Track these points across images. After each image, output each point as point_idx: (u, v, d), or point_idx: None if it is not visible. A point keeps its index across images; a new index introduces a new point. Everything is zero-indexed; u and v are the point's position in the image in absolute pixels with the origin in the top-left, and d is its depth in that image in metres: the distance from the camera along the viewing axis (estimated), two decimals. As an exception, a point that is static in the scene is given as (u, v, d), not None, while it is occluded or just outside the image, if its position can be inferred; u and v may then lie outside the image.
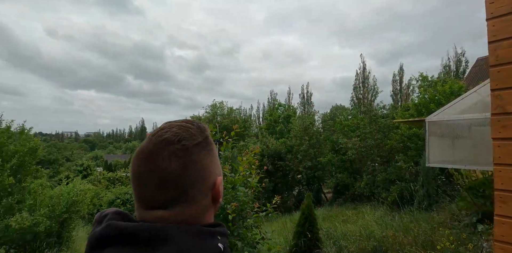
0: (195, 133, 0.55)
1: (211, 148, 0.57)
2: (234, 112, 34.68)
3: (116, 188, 17.89)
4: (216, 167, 0.57)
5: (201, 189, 0.53)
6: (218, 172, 0.57)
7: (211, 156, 0.56)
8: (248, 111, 52.89)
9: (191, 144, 0.53)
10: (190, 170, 0.51)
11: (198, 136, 0.55)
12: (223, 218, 2.47)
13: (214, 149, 0.59)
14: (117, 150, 74.99)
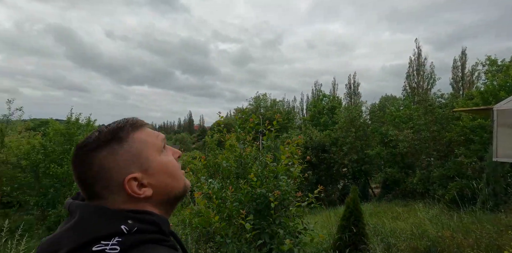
0: (101, 135, 0.61)
1: (119, 147, 0.61)
2: (277, 104, 34.58)
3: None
4: (127, 165, 0.60)
5: (106, 186, 0.59)
6: (134, 168, 0.60)
7: (116, 157, 0.60)
8: (291, 103, 52.29)
9: (90, 148, 0.60)
10: (89, 173, 0.59)
11: (102, 138, 0.61)
12: (265, 206, 2.48)
13: (128, 147, 0.61)
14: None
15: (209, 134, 3.46)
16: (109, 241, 0.52)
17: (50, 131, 9.83)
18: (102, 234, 0.53)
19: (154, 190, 0.61)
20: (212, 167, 3.39)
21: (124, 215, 0.56)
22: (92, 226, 0.54)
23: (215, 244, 2.44)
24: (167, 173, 0.64)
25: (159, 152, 0.64)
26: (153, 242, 0.57)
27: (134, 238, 0.54)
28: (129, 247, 0.53)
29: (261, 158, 2.88)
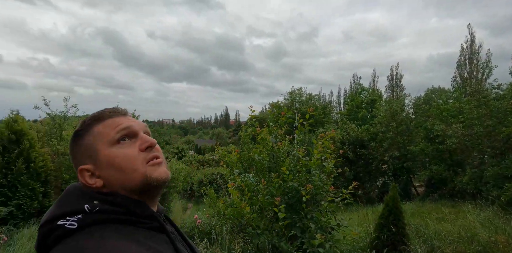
0: (75, 129, 0.67)
1: (78, 139, 0.65)
2: (313, 98, 33.84)
3: (205, 169, 19.96)
4: (83, 158, 0.64)
5: (77, 174, 0.64)
6: (87, 161, 0.63)
7: (74, 148, 0.65)
8: (328, 97, 50.78)
9: (70, 139, 0.67)
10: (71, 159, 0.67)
11: (74, 131, 0.66)
12: (297, 200, 2.46)
13: (82, 139, 0.64)
14: (205, 135, 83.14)
15: (243, 128, 3.50)
16: (71, 217, 0.56)
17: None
18: (68, 210, 0.57)
19: (104, 181, 0.62)
20: (246, 161, 3.43)
21: (91, 196, 0.60)
22: (65, 202, 0.60)
23: (247, 235, 2.49)
24: (113, 167, 0.62)
25: (110, 144, 0.63)
26: (116, 222, 0.58)
27: (94, 216, 0.57)
28: (87, 225, 0.56)
29: (294, 152, 2.85)
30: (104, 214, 0.57)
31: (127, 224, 0.58)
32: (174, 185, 10.50)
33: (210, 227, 5.47)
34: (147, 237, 0.59)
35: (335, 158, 2.89)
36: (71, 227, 0.55)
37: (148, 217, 0.62)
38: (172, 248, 0.62)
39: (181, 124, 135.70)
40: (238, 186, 2.61)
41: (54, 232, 0.55)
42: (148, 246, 0.56)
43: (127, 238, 0.55)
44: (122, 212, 0.59)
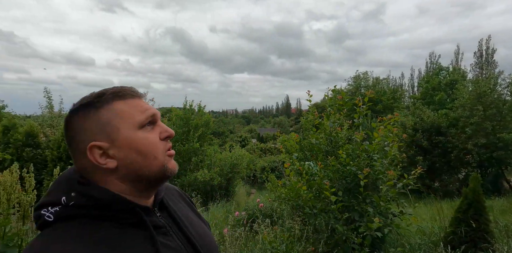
0: (86, 98, 0.61)
1: (93, 113, 0.60)
2: (380, 82, 31.21)
3: (267, 157, 20.52)
4: (95, 133, 0.59)
5: (75, 149, 0.60)
6: (100, 137, 0.59)
7: (87, 121, 0.59)
8: (398, 80, 46.18)
9: (73, 109, 0.61)
10: (66, 132, 0.61)
11: (85, 101, 0.61)
12: (355, 184, 2.42)
13: (101, 114, 0.60)
14: (267, 124, 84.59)
15: (304, 115, 3.51)
16: (52, 208, 0.57)
17: (173, 116, 11.89)
18: (50, 200, 0.58)
19: (118, 163, 0.59)
20: (307, 148, 3.46)
21: (71, 187, 0.58)
22: (51, 190, 0.60)
23: (304, 215, 2.57)
24: (137, 150, 0.59)
25: (136, 126, 0.60)
26: (86, 217, 0.56)
27: (68, 210, 0.56)
28: (61, 218, 0.56)
29: (353, 137, 2.78)
30: (77, 209, 0.56)
31: (102, 220, 0.57)
32: (238, 171, 11.14)
33: (272, 210, 5.72)
34: (118, 237, 0.56)
35: (401, 143, 2.71)
36: (48, 219, 0.56)
37: (128, 212, 0.59)
38: (151, 244, 0.58)
39: (244, 114, 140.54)
40: (296, 169, 2.68)
41: (39, 219, 0.57)
42: (110, 249, 0.53)
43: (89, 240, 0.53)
44: (96, 207, 0.57)
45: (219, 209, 7.33)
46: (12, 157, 10.95)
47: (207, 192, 10.18)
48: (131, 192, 0.61)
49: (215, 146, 13.24)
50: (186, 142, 11.23)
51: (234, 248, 3.98)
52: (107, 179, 0.60)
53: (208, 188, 10.21)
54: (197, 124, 11.77)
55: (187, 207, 0.81)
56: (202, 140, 12.16)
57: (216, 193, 9.95)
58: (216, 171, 10.62)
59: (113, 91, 0.61)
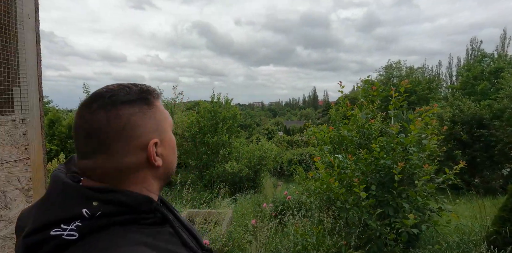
0: (131, 92, 0.58)
1: (148, 109, 0.58)
2: (415, 72, 29.47)
3: (293, 149, 20.41)
4: (152, 129, 0.58)
5: (125, 145, 0.54)
6: (155, 135, 0.58)
7: (145, 117, 0.57)
8: (435, 69, 43.28)
9: (121, 100, 0.55)
10: (113, 124, 0.54)
11: (133, 95, 0.57)
12: (390, 178, 2.33)
13: (154, 112, 0.59)
14: (294, 116, 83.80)
15: (333, 107, 3.40)
16: (68, 225, 0.48)
17: (201, 109, 12.16)
18: (63, 216, 0.49)
19: (163, 161, 0.60)
20: (336, 140, 3.37)
21: (89, 195, 0.51)
22: (55, 206, 0.51)
23: (335, 209, 2.53)
24: (173, 149, 0.64)
25: (171, 128, 0.65)
26: (121, 224, 0.51)
27: (97, 222, 0.49)
28: (89, 232, 0.48)
29: (387, 129, 2.66)
30: (108, 217, 0.50)
31: (129, 224, 0.52)
32: (266, 163, 11.21)
33: (300, 203, 5.71)
34: (153, 236, 0.54)
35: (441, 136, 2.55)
36: (70, 238, 0.47)
37: (152, 211, 0.57)
38: (178, 238, 0.59)
39: (270, 106, 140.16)
40: (327, 162, 2.63)
41: (48, 243, 0.47)
42: (156, 247, 0.52)
43: (137, 242, 0.50)
44: (126, 212, 0.53)
45: (247, 201, 7.44)
46: (58, 147, 11.90)
47: (235, 183, 10.38)
48: (157, 190, 0.62)
49: (242, 139, 13.40)
50: (215, 134, 11.47)
51: (264, 239, 4.03)
52: (146, 178, 0.58)
53: (236, 179, 10.40)
54: (225, 116, 11.95)
55: None
56: (230, 132, 12.34)
57: (244, 185, 10.11)
58: (244, 163, 10.77)
59: (155, 91, 0.62)
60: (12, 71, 1.70)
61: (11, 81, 1.68)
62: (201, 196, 7.14)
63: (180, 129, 12.42)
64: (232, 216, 5.29)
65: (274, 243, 3.34)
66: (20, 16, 1.72)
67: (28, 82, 1.78)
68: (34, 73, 1.83)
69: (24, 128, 1.73)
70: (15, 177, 1.59)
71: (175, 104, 15.61)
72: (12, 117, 1.58)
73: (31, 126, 1.74)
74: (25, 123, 1.73)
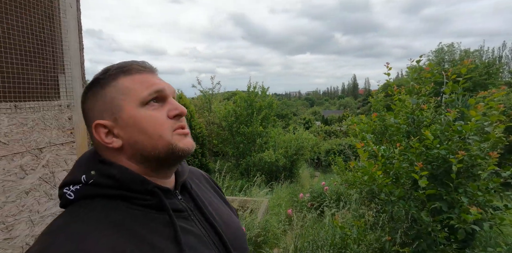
0: (94, 76, 0.60)
1: (100, 90, 0.58)
2: (470, 55, 26.47)
3: (332, 139, 19.83)
4: (100, 111, 0.57)
5: (88, 128, 0.60)
6: (106, 115, 0.57)
7: (94, 99, 0.58)
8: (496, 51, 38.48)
9: (87, 86, 0.60)
10: (83, 111, 0.61)
11: (92, 80, 0.59)
12: (444, 170, 2.07)
13: (107, 91, 0.57)
14: (332, 106, 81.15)
15: (374, 94, 3.11)
16: (72, 187, 0.55)
17: (237, 98, 12.24)
18: (71, 179, 0.56)
19: (123, 142, 0.56)
20: (378, 130, 3.12)
21: (91, 165, 0.56)
22: (73, 170, 0.59)
23: (379, 202, 2.35)
24: (139, 129, 0.55)
25: (138, 103, 0.56)
26: (106, 197, 0.54)
27: (87, 189, 0.54)
28: (81, 197, 0.54)
29: (442, 116, 2.36)
30: (97, 187, 0.54)
31: (121, 200, 0.54)
32: (303, 153, 11.02)
33: (338, 194, 5.51)
34: (135, 218, 0.53)
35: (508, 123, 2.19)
36: (69, 198, 0.55)
37: (148, 193, 0.56)
38: (172, 229, 0.54)
39: (307, 96, 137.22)
40: (370, 151, 2.43)
41: (61, 198, 0.57)
42: (127, 231, 0.50)
43: (108, 220, 0.50)
44: (116, 187, 0.54)
45: (283, 190, 7.41)
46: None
47: (272, 172, 10.39)
48: (145, 172, 0.58)
49: (278, 128, 13.29)
50: (250, 124, 11.51)
51: (301, 229, 3.96)
52: (117, 159, 0.57)
53: (273, 168, 10.40)
54: (261, 106, 11.90)
55: (213, 192, 0.76)
56: (266, 121, 12.30)
57: (281, 174, 10.09)
58: (281, 152, 10.71)
59: (118, 67, 0.58)
60: (58, 59, 1.80)
61: (57, 68, 1.78)
62: (237, 184, 7.26)
63: (217, 118, 12.69)
64: (268, 205, 5.29)
65: (310, 235, 3.25)
66: (63, 5, 1.80)
67: (71, 69, 1.88)
68: (77, 60, 1.92)
69: (69, 113, 1.81)
70: (62, 159, 1.68)
71: (212, 94, 15.94)
72: (58, 103, 1.68)
73: (76, 111, 1.82)
74: (70, 108, 1.81)
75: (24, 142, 1.51)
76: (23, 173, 1.49)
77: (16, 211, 1.41)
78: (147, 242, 0.51)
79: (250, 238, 3.28)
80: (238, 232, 0.68)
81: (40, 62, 1.72)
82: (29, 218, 1.44)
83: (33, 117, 1.59)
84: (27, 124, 1.54)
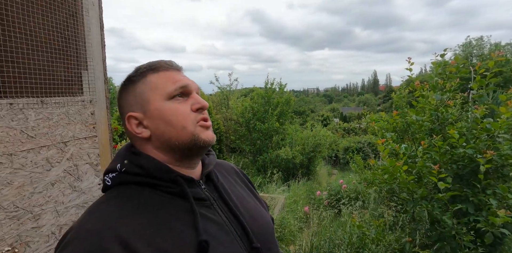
0: (127, 76, 0.66)
1: (131, 86, 0.64)
2: (502, 48, 24.92)
3: (351, 137, 19.44)
4: (131, 104, 0.64)
5: (122, 119, 0.65)
6: (136, 108, 0.63)
7: (126, 94, 0.65)
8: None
9: (121, 85, 0.67)
10: (118, 104, 0.67)
11: (125, 79, 0.66)
12: (470, 170, 1.97)
13: (136, 86, 0.64)
14: (351, 103, 79.34)
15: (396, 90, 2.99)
16: (111, 174, 0.63)
17: (254, 95, 12.22)
18: (111, 167, 0.63)
19: (151, 133, 0.62)
20: (400, 128, 3.01)
21: (125, 155, 0.63)
22: (113, 160, 0.66)
23: (399, 201, 2.27)
24: (164, 120, 0.61)
25: (164, 97, 0.62)
26: (136, 184, 0.60)
27: (121, 177, 0.61)
28: (116, 184, 0.61)
29: (469, 113, 2.24)
30: (128, 175, 0.61)
31: (147, 187, 0.60)
32: (320, 150, 10.87)
33: (356, 192, 5.40)
34: (160, 204, 0.58)
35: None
36: (107, 184, 0.63)
37: (171, 181, 0.60)
38: (192, 216, 0.58)
39: (325, 92, 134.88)
40: (391, 149, 2.35)
41: (103, 183, 0.65)
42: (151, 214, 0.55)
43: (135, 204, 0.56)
44: (144, 175, 0.60)
45: (300, 187, 7.36)
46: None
47: (288, 169, 10.34)
48: (170, 161, 0.63)
49: (296, 125, 13.18)
50: (267, 120, 11.47)
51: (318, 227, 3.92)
52: (146, 148, 0.64)
53: (289, 165, 10.35)
54: (278, 102, 11.82)
55: (243, 186, 0.80)
56: (284, 118, 12.22)
57: (297, 171, 10.01)
58: (298, 149, 10.63)
59: (148, 65, 0.65)
60: (81, 56, 1.87)
61: (80, 65, 1.85)
62: (253, 180, 7.28)
63: (234, 115, 12.75)
64: (284, 201, 5.27)
65: (327, 233, 3.21)
66: (85, 3, 1.87)
67: (94, 65, 1.94)
68: (99, 57, 1.99)
69: (91, 108, 1.87)
70: (85, 152, 1.74)
71: (230, 91, 16.01)
72: (81, 98, 1.74)
73: (98, 107, 1.88)
74: (93, 104, 1.87)
75: (50, 136, 1.58)
76: (49, 165, 1.56)
77: (42, 202, 1.48)
78: (167, 225, 0.55)
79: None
80: (266, 227, 0.70)
81: (65, 59, 1.79)
82: (55, 209, 1.51)
83: (58, 112, 1.66)
84: (52, 119, 1.62)
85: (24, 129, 1.52)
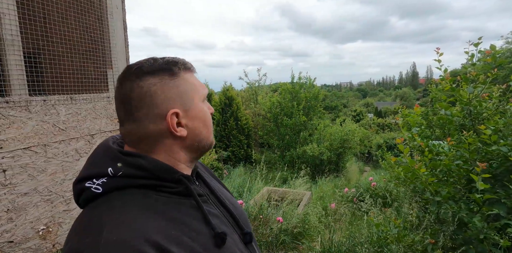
0: (156, 63, 0.60)
1: (170, 79, 0.59)
2: None
3: (385, 133, 18.55)
4: (173, 99, 0.59)
5: (147, 113, 0.58)
6: (177, 105, 0.59)
7: (166, 86, 0.58)
8: None
9: (144, 71, 0.58)
10: (136, 93, 0.57)
11: (156, 66, 0.59)
12: (505, 169, 1.79)
13: (178, 82, 0.60)
14: (387, 97, 75.36)
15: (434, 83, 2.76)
16: (97, 180, 0.55)
17: (281, 90, 12.13)
18: (94, 172, 0.56)
19: (188, 132, 0.61)
20: (437, 124, 2.80)
21: (117, 157, 0.57)
22: (92, 163, 0.59)
23: (422, 201, 2.14)
24: (203, 121, 0.63)
25: (202, 99, 0.63)
26: (139, 187, 0.56)
27: (117, 181, 0.55)
28: (111, 190, 0.55)
29: (508, 107, 2.03)
30: (127, 178, 0.56)
31: (149, 189, 0.57)
32: (350, 146, 10.54)
33: (386, 191, 5.17)
34: (168, 204, 0.57)
35: None
36: (96, 191, 0.55)
37: (174, 181, 0.59)
38: (200, 212, 0.59)
39: (359, 86, 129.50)
40: (417, 146, 2.21)
41: (83, 193, 0.56)
42: (166, 215, 0.54)
43: (147, 207, 0.53)
44: (145, 177, 0.57)
45: (327, 183, 7.22)
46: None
47: (316, 165, 10.18)
48: (186, 161, 0.63)
49: (326, 121, 12.86)
50: (294, 115, 11.34)
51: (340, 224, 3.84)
52: (172, 147, 0.60)
53: (317, 161, 10.18)
54: (306, 97, 11.61)
55: (212, 178, 0.82)
56: (312, 113, 11.99)
57: (325, 167, 9.82)
58: (325, 145, 10.40)
59: (183, 63, 0.63)
60: (106, 56, 2.00)
61: (106, 64, 1.98)
62: (281, 175, 7.28)
63: (262, 110, 12.78)
64: (310, 197, 5.22)
65: (350, 230, 3.13)
66: (110, 7, 1.98)
67: (118, 64, 2.07)
68: (123, 56, 2.11)
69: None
70: (111, 145, 1.88)
71: (259, 86, 16.05)
72: (106, 95, 1.87)
73: (122, 103, 2.00)
74: (117, 100, 2.00)
75: (79, 129, 1.72)
76: (78, 155, 1.71)
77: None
78: (185, 224, 0.56)
79: (287, 229, 3.29)
80: (243, 212, 0.76)
81: (93, 59, 1.93)
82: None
83: (85, 108, 1.80)
84: (80, 114, 1.76)
85: (56, 122, 1.67)
